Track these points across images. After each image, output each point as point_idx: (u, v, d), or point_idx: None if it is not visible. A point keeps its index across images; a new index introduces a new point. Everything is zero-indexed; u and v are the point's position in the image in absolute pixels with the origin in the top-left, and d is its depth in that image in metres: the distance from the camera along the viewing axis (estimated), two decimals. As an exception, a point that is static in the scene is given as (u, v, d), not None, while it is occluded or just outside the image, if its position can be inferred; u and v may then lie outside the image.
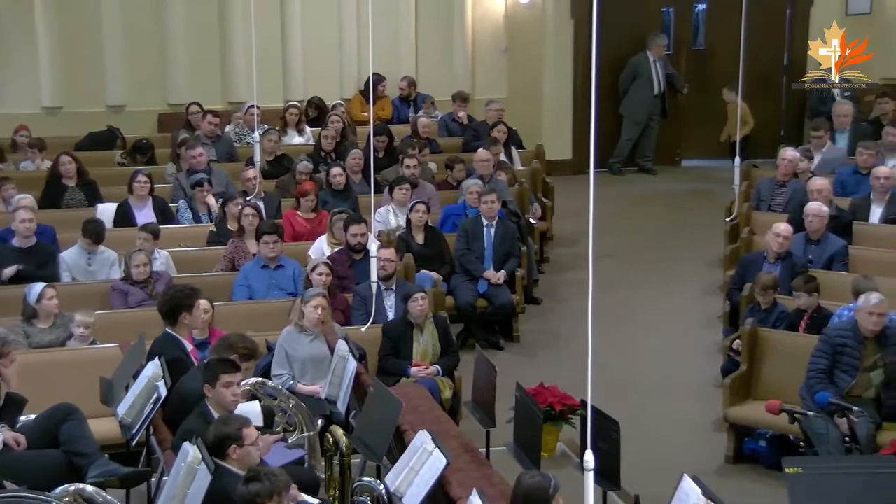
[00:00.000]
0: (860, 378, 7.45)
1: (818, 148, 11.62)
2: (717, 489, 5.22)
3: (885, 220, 10.08)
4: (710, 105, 14.75)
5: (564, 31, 14.77)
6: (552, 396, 7.92)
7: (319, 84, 14.09)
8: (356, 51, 14.17)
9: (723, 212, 11.40)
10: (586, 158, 14.26)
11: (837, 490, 5.27)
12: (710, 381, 9.00)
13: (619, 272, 11.30)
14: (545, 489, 4.92)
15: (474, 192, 10.64)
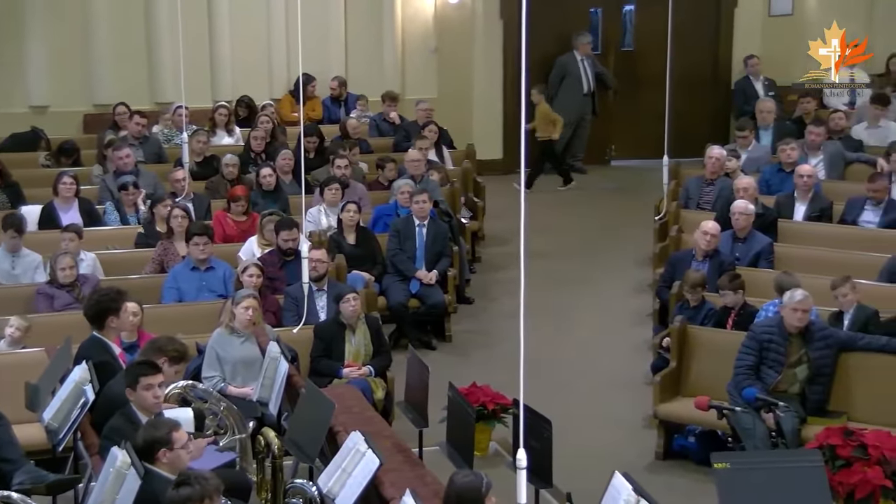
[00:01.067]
0: (786, 374, 7.57)
1: (744, 147, 11.79)
2: (648, 485, 5.27)
3: (808, 218, 10.25)
4: (639, 105, 14.89)
5: (494, 32, 14.82)
6: (484, 396, 7.94)
7: (248, 84, 13.98)
8: (285, 50, 14.08)
9: (652, 210, 11.51)
10: (517, 158, 14.35)
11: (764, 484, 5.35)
12: (641, 379, 9.08)
13: (551, 271, 11.37)
14: (478, 488, 4.94)
15: (406, 192, 10.63)
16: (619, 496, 5.11)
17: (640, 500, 5.02)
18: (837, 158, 11.42)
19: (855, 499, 6.38)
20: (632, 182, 14.44)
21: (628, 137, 15.48)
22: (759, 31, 15.14)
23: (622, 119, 15.50)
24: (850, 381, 7.65)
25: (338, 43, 14.48)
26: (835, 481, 6.31)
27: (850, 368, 7.66)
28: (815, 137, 11.36)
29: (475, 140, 13.67)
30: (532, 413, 6.14)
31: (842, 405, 7.61)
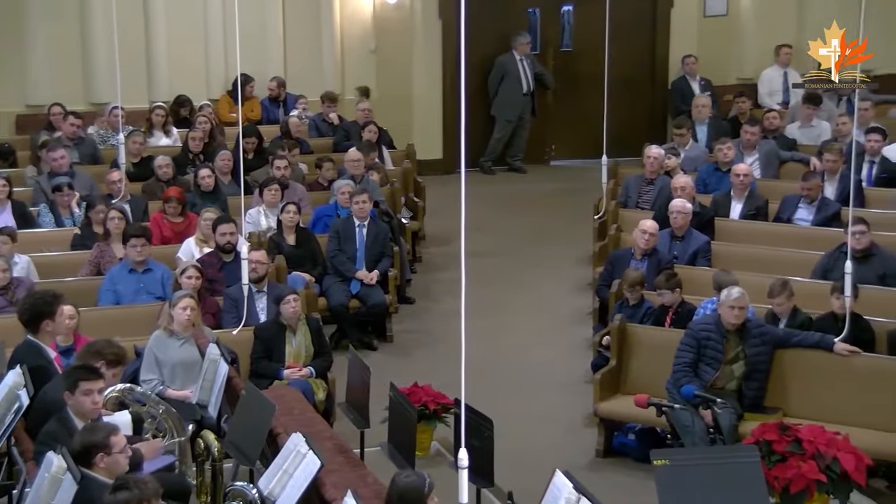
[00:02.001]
0: (723, 370, 7.66)
1: (681, 146, 11.91)
2: (589, 483, 5.31)
3: (744, 216, 10.38)
4: (578, 105, 14.97)
5: (433, 32, 14.82)
6: (426, 395, 7.94)
7: (185, 84, 13.84)
8: (223, 50, 13.95)
9: (591, 210, 11.58)
10: (457, 158, 14.36)
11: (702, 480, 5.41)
12: (581, 377, 9.14)
13: (492, 270, 11.39)
14: (420, 488, 4.94)
15: (346, 192, 10.60)
16: (560, 494, 5.14)
17: (581, 499, 5.06)
18: (772, 157, 11.59)
19: (790, 493, 6.47)
20: (571, 181, 14.52)
21: (568, 137, 15.56)
22: (694, 31, 15.29)
23: (562, 119, 15.57)
24: (786, 378, 7.76)
25: (276, 43, 14.39)
26: (771, 476, 6.40)
27: (786, 365, 7.77)
28: (750, 137, 11.51)
29: (415, 140, 13.66)
30: (473, 412, 6.16)
31: (777, 401, 7.72)
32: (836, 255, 8.83)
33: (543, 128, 15.58)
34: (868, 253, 8.81)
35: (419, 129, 14.68)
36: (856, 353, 7.63)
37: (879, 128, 11.34)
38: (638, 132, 14.52)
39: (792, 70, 14.57)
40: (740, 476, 5.53)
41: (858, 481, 6.53)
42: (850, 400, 7.56)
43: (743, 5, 15.41)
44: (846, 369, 7.63)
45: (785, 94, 14.38)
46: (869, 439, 7.08)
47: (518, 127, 15.12)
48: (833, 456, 6.51)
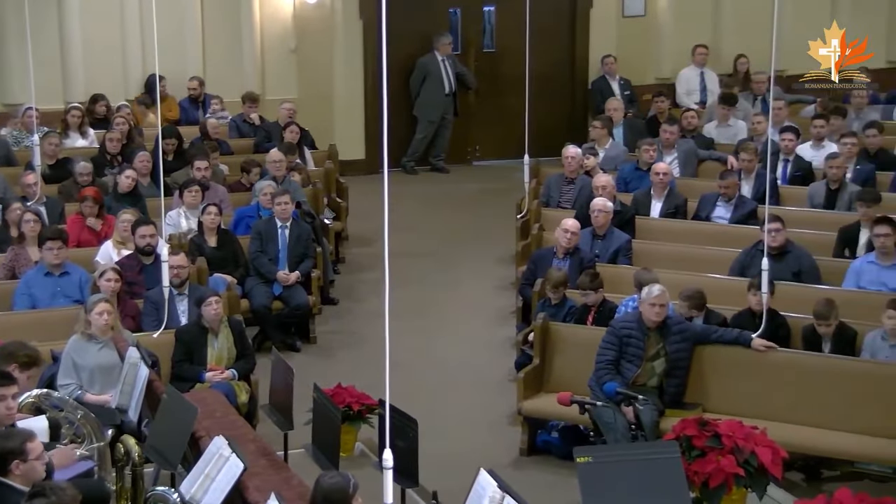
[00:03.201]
0: (644, 367, 7.74)
1: (601, 145, 12.03)
2: (513, 481, 5.34)
3: (664, 215, 10.51)
4: (501, 106, 15.03)
5: (354, 32, 14.77)
6: (350, 396, 7.92)
7: (103, 84, 13.62)
8: (140, 50, 13.77)
9: (514, 209, 11.64)
10: (379, 158, 14.34)
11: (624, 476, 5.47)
12: (505, 376, 9.18)
13: (415, 270, 11.40)
14: (344, 489, 4.93)
15: (267, 193, 10.53)
16: (485, 493, 5.16)
17: (505, 497, 5.08)
18: (691, 156, 11.75)
19: (709, 487, 6.56)
20: (494, 181, 14.58)
21: (490, 137, 15.62)
22: (613, 31, 15.45)
23: (484, 119, 15.62)
24: (705, 374, 7.87)
25: (195, 43, 14.24)
26: (691, 471, 6.48)
27: (705, 361, 7.88)
28: (669, 136, 11.67)
29: (337, 140, 13.61)
30: (398, 413, 6.15)
31: (697, 397, 7.83)
32: (753, 253, 8.98)
33: (466, 128, 15.62)
34: (783, 250, 8.98)
35: (341, 130, 14.63)
36: (772, 349, 7.77)
37: (793, 127, 11.57)
38: (559, 132, 14.63)
39: (708, 70, 14.81)
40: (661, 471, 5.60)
41: (775, 474, 6.64)
42: (768, 394, 7.69)
43: (660, 6, 15.61)
44: (763, 365, 7.76)
45: (702, 94, 14.60)
46: (785, 433, 7.21)
47: (440, 127, 15.14)
48: (751, 450, 6.61)
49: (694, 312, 8.13)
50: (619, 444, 6.88)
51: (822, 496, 6.19)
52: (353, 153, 14.53)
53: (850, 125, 12.18)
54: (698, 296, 8.15)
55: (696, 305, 8.13)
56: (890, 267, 8.79)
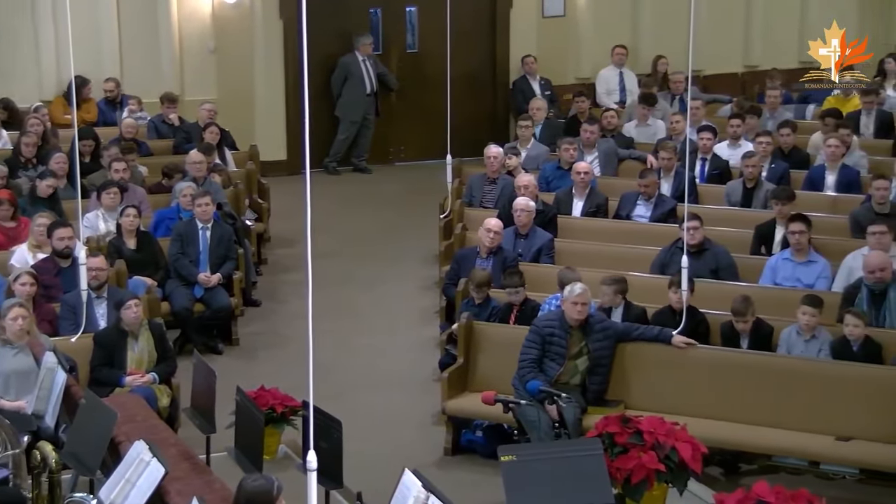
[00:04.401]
0: (567, 365, 7.80)
1: (523, 145, 12.10)
2: (437, 481, 5.34)
3: (585, 214, 10.60)
4: (424, 106, 15.03)
5: (274, 32, 14.67)
6: (273, 398, 7.87)
7: (16, 86, 13.36)
8: (54, 51, 13.52)
9: (437, 209, 11.66)
10: (301, 159, 14.25)
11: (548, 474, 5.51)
12: (429, 376, 9.19)
13: (338, 271, 11.35)
14: (268, 492, 4.90)
15: (187, 194, 10.41)
16: (409, 493, 5.16)
17: (430, 497, 5.09)
18: (611, 155, 11.87)
19: (632, 483, 6.63)
20: (417, 181, 14.58)
21: (413, 137, 15.61)
22: (534, 31, 15.53)
23: (407, 120, 15.61)
24: (627, 371, 7.96)
25: (111, 43, 14.02)
26: (613, 467, 6.54)
27: (626, 358, 7.96)
28: (589, 135, 11.77)
29: (258, 141, 13.51)
30: (321, 414, 6.13)
31: (619, 394, 7.92)
32: (673, 251, 9.10)
33: (389, 128, 15.60)
34: (702, 248, 9.11)
35: (262, 130, 14.52)
36: (692, 346, 7.89)
37: (710, 126, 11.75)
38: (481, 132, 14.67)
39: (627, 70, 14.99)
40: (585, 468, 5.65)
41: (695, 469, 6.73)
42: (688, 390, 7.80)
43: (579, 7, 15.75)
44: (683, 361, 7.87)
45: (622, 94, 14.77)
46: (705, 428, 7.32)
47: (362, 127, 15.10)
48: (672, 446, 6.69)
49: (619, 298, 8.21)
50: (543, 443, 6.93)
51: (740, 490, 6.30)
52: (275, 154, 14.43)
53: (764, 124, 12.41)
54: (621, 279, 8.25)
55: (621, 290, 8.22)
56: (804, 263, 8.97)
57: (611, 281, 8.28)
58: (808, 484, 7.01)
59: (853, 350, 7.72)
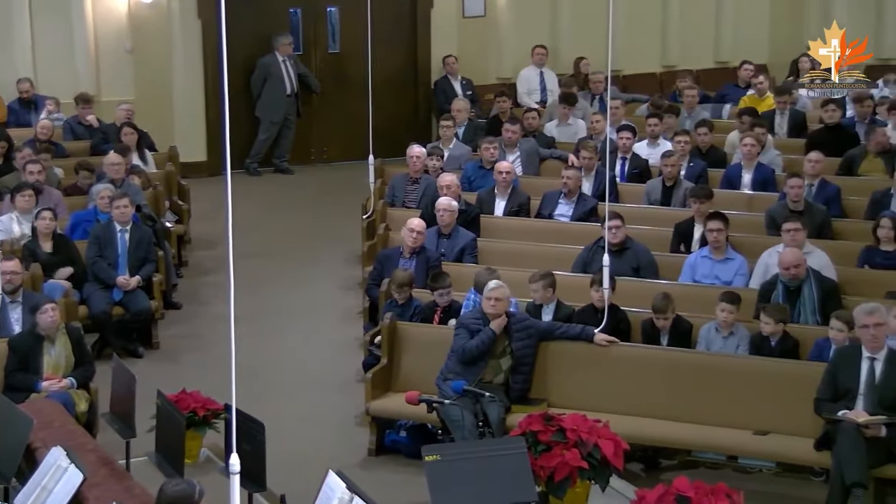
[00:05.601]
0: (491, 364, 7.83)
1: (445, 145, 12.12)
2: (361, 482, 5.34)
3: (508, 213, 10.65)
4: (346, 107, 15.00)
5: (192, 32, 14.52)
6: (195, 402, 7.79)
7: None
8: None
9: (360, 209, 11.64)
10: (222, 160, 14.13)
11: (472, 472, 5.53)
12: (352, 376, 9.17)
13: (261, 272, 11.28)
14: (190, 496, 4.86)
15: (105, 196, 10.26)
16: (334, 494, 5.15)
17: (354, 498, 5.08)
18: (532, 155, 11.94)
19: (555, 480, 6.68)
20: (339, 182, 14.54)
21: (336, 138, 15.56)
22: (454, 32, 15.58)
23: (329, 120, 15.55)
24: (549, 369, 8.00)
25: (23, 43, 13.77)
26: (537, 465, 6.59)
27: (549, 357, 8.01)
28: (511, 135, 11.83)
29: (177, 142, 13.36)
30: (244, 416, 6.08)
31: (542, 392, 7.96)
32: (595, 249, 9.18)
33: (311, 129, 15.53)
34: (623, 246, 9.20)
35: (182, 131, 14.37)
36: (614, 343, 7.96)
37: (630, 125, 11.88)
38: (403, 132, 14.68)
39: (548, 70, 15.10)
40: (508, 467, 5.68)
41: (617, 466, 6.81)
42: (610, 388, 7.87)
43: (500, 7, 15.84)
44: (605, 359, 7.94)
45: (542, 94, 14.88)
46: (627, 425, 7.39)
47: (283, 128, 15.01)
48: (594, 443, 6.75)
49: (550, 292, 8.26)
50: (467, 442, 6.94)
51: (660, 485, 6.37)
52: (195, 155, 14.30)
53: (682, 124, 12.59)
54: (547, 274, 8.30)
55: (550, 284, 8.28)
56: (722, 261, 9.10)
57: (538, 277, 8.32)
58: (727, 478, 7.14)
59: (770, 346, 7.86)
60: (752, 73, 14.18)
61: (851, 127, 12.07)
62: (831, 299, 8.31)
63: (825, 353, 7.60)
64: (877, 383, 7.11)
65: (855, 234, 9.66)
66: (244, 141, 14.69)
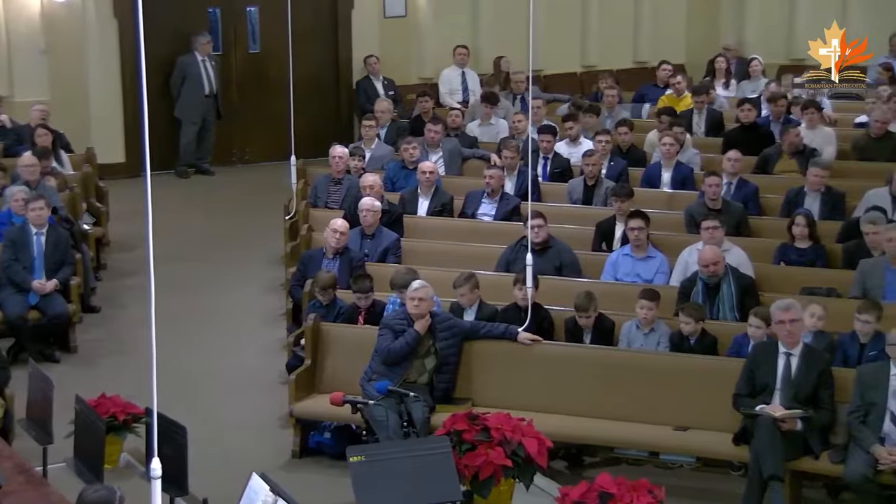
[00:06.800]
0: (415, 364, 7.84)
1: (368, 145, 12.10)
2: (285, 484, 5.31)
3: (431, 213, 10.66)
4: (268, 107, 14.89)
5: (108, 31, 14.32)
6: (114, 406, 7.68)
7: None
8: None
9: (281, 210, 11.56)
10: (142, 160, 13.94)
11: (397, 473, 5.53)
12: (276, 378, 9.11)
13: (182, 275, 11.15)
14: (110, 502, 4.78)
15: (20, 199, 10.06)
16: (257, 497, 5.12)
17: (278, 500, 5.05)
18: (455, 155, 11.97)
19: (479, 479, 6.71)
20: (261, 183, 14.44)
21: (258, 139, 15.45)
22: (376, 32, 15.57)
23: (251, 121, 15.44)
24: (473, 368, 8.02)
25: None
26: (461, 464, 6.60)
27: (473, 356, 8.03)
28: (433, 135, 11.84)
29: (95, 143, 13.15)
30: (165, 420, 6.01)
31: (467, 391, 7.98)
32: (518, 248, 9.23)
33: (232, 130, 15.41)
34: (546, 245, 9.26)
35: (99, 132, 14.14)
36: (537, 342, 8.01)
37: (551, 125, 11.97)
38: (325, 132, 14.63)
39: (469, 70, 15.15)
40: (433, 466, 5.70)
41: (541, 464, 6.85)
42: (534, 386, 7.91)
43: (420, 7, 15.86)
44: (529, 358, 7.98)
45: (464, 94, 14.93)
46: (551, 423, 7.43)
47: (202, 129, 14.86)
48: (518, 441, 6.79)
49: (476, 293, 8.27)
50: (392, 442, 6.94)
51: (583, 482, 6.44)
52: (113, 156, 14.11)
53: (603, 123, 12.71)
54: (469, 275, 8.32)
55: (475, 285, 8.30)
56: (644, 259, 9.21)
57: (462, 280, 8.32)
58: (649, 474, 7.22)
59: (690, 343, 7.97)
60: (671, 73, 14.37)
61: (766, 126, 12.30)
62: (749, 296, 8.45)
63: (743, 350, 7.73)
64: (793, 378, 7.25)
65: (771, 232, 9.84)
66: (164, 142, 14.50)
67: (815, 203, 10.05)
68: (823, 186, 10.13)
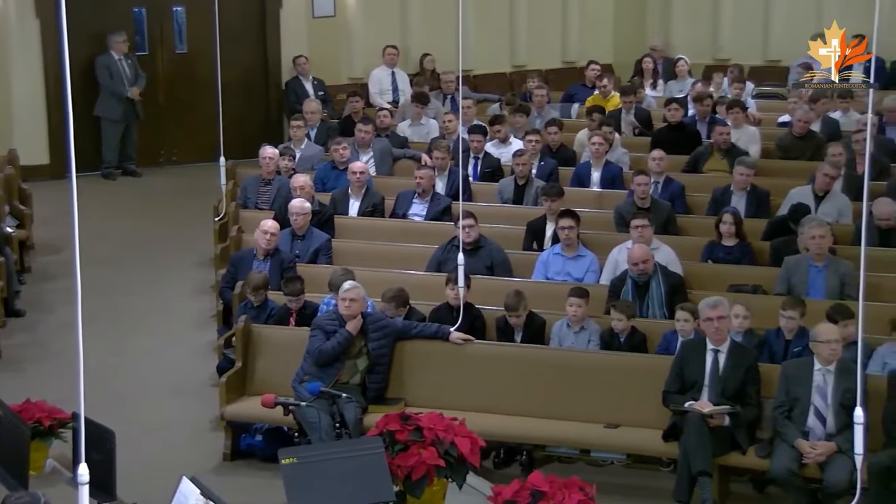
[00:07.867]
0: (347, 365, 7.82)
1: (297, 146, 12.04)
2: (217, 487, 5.26)
3: (362, 213, 10.65)
4: (196, 108, 14.75)
5: (30, 31, 14.09)
6: (40, 411, 7.51)
7: None
8: None
9: (211, 211, 11.47)
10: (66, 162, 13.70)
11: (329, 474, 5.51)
12: (207, 381, 9.03)
13: (110, 277, 11.01)
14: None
15: (-59, 201, 9.87)
16: (188, 501, 5.06)
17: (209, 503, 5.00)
18: (386, 155, 11.96)
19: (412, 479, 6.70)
20: (190, 184, 14.31)
21: (186, 140, 15.30)
22: (304, 32, 15.50)
23: (179, 121, 15.28)
24: (406, 368, 8.03)
25: None
26: (394, 465, 6.58)
27: (405, 356, 8.04)
28: (364, 135, 11.82)
29: (17, 145, 12.95)
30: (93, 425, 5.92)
31: (399, 391, 7.99)
32: (449, 248, 9.25)
33: (160, 130, 15.24)
34: (477, 245, 9.29)
35: (21, 134, 13.92)
36: (469, 341, 8.03)
37: (481, 125, 12.01)
38: (255, 133, 14.53)
39: (399, 70, 15.15)
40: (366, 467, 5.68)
41: (473, 463, 6.86)
42: (466, 386, 7.94)
43: (349, 7, 15.82)
44: (461, 357, 8.00)
45: (394, 94, 14.92)
46: (484, 422, 7.43)
47: (125, 129, 14.65)
48: (451, 441, 6.79)
49: (400, 311, 8.27)
50: (324, 443, 6.91)
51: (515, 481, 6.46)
52: (37, 158, 13.88)
53: (532, 123, 12.78)
54: (400, 294, 8.30)
55: (401, 303, 8.28)
56: (574, 258, 9.28)
57: (389, 298, 8.28)
58: (580, 471, 7.28)
59: (620, 341, 8.05)
60: (599, 73, 14.50)
61: (693, 125, 12.46)
62: (677, 293, 8.55)
63: (672, 347, 7.83)
64: (720, 375, 7.35)
65: (698, 230, 9.97)
66: (88, 143, 14.31)
67: (741, 201, 10.21)
68: (749, 185, 10.28)
